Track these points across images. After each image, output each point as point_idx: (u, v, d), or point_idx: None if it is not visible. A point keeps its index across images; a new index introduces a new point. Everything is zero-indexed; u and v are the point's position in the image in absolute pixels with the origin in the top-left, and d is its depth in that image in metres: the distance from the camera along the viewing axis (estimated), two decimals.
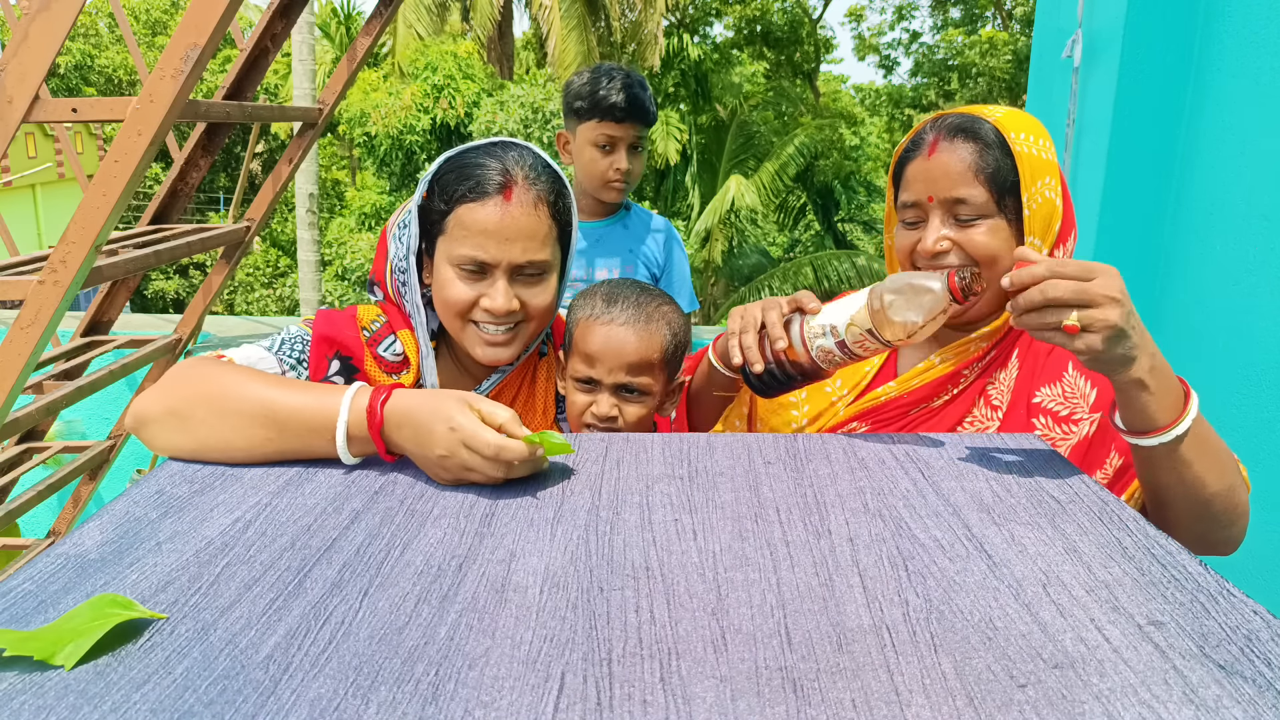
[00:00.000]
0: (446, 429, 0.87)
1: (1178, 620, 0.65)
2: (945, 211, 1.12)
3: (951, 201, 1.11)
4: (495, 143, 1.17)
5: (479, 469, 0.88)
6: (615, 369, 1.19)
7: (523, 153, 1.15)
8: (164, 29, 19.17)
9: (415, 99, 12.27)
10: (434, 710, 0.55)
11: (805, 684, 0.58)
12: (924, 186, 1.13)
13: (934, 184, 1.11)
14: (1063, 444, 1.10)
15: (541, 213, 1.13)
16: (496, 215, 1.10)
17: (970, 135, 1.11)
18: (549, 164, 1.17)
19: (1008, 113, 1.15)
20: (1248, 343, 1.78)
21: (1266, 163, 1.76)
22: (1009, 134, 1.11)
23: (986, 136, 1.11)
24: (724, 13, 20.84)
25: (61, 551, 0.76)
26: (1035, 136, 1.13)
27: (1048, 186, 1.12)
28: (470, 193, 1.11)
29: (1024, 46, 18.27)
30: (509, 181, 1.11)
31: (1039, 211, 1.11)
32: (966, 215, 1.10)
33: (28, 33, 1.79)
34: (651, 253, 2.17)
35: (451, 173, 1.13)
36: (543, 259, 1.14)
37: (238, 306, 16.13)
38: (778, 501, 0.87)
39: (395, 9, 2.94)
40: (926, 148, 1.13)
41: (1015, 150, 1.10)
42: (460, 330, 1.17)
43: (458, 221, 1.11)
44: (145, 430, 0.98)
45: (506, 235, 1.11)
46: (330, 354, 1.17)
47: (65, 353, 2.69)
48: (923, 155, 1.13)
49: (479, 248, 1.11)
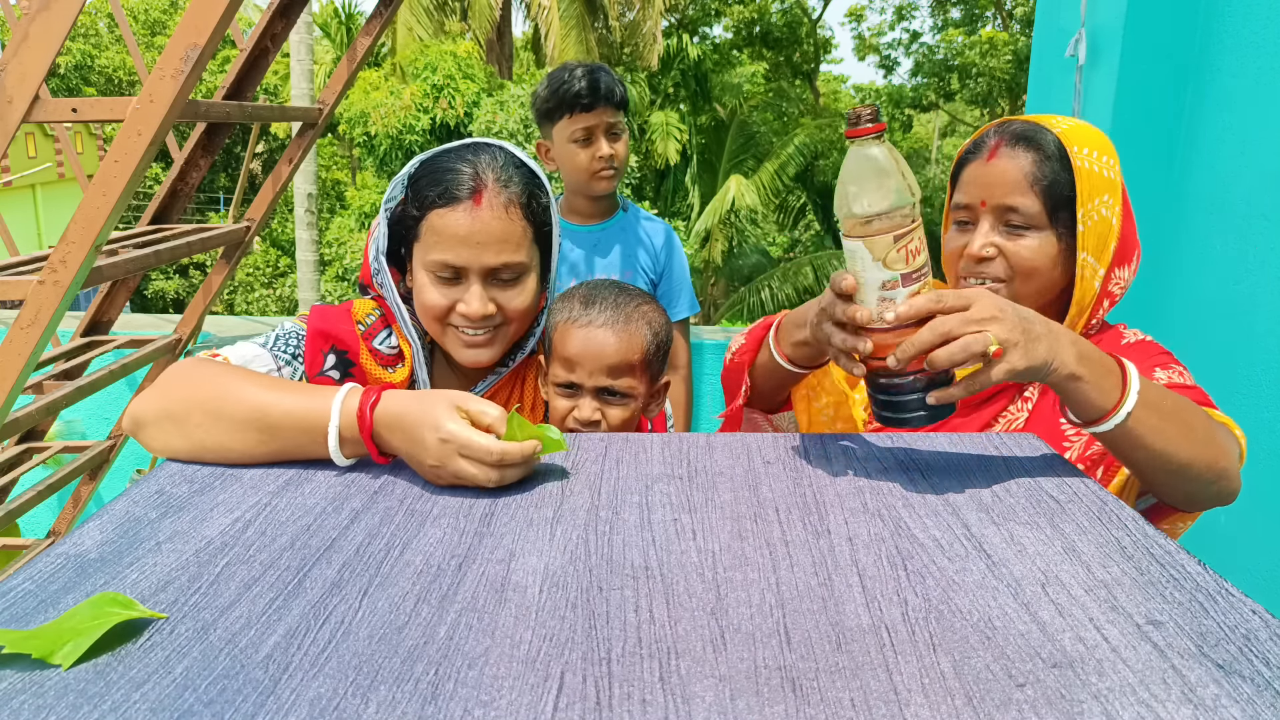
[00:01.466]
0: (436, 439, 0.87)
1: (1176, 620, 0.65)
2: (996, 218, 1.12)
3: (1003, 209, 1.11)
4: (468, 145, 1.16)
5: (473, 476, 0.88)
6: (596, 372, 1.17)
7: (495, 154, 1.14)
8: (164, 29, 19.17)
9: (415, 99, 12.27)
10: (433, 709, 0.55)
11: (804, 683, 0.58)
12: (978, 190, 1.13)
13: (988, 189, 1.11)
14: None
15: (514, 214, 1.12)
16: (467, 220, 1.10)
17: (1032, 144, 1.10)
18: (523, 163, 1.16)
19: (1074, 125, 1.14)
20: (1248, 343, 1.78)
21: (1266, 163, 1.76)
22: (1071, 147, 1.10)
23: (1048, 147, 1.10)
24: (723, 13, 20.84)
25: (61, 551, 0.76)
26: (1099, 153, 1.11)
27: (1105, 205, 1.11)
28: (440, 198, 1.10)
29: (1024, 46, 18.27)
30: (479, 185, 1.10)
31: (1093, 228, 1.10)
32: (1017, 223, 1.10)
33: (28, 33, 1.79)
34: (650, 255, 2.16)
35: (424, 177, 1.13)
36: (517, 261, 1.13)
37: (238, 306, 16.14)
38: (777, 501, 0.87)
39: (395, 9, 2.94)
40: (987, 151, 1.13)
41: (1075, 164, 1.09)
42: (441, 333, 1.17)
43: (430, 227, 1.11)
44: (142, 432, 0.99)
45: (478, 240, 1.10)
46: (325, 348, 1.17)
47: (65, 353, 2.69)
48: (982, 159, 1.13)
49: (451, 253, 1.11)
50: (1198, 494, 0.99)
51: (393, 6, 2.91)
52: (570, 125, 1.98)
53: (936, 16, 21.88)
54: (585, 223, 2.12)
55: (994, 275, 1.13)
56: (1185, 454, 0.94)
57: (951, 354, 0.83)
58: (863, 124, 0.86)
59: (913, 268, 0.87)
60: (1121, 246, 1.14)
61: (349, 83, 2.97)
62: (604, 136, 1.99)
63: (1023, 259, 1.11)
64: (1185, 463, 0.94)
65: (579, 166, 2.01)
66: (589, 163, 2.00)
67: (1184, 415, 0.95)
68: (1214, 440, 0.96)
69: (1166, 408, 0.93)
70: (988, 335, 0.84)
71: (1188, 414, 0.95)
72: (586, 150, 1.99)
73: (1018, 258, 1.11)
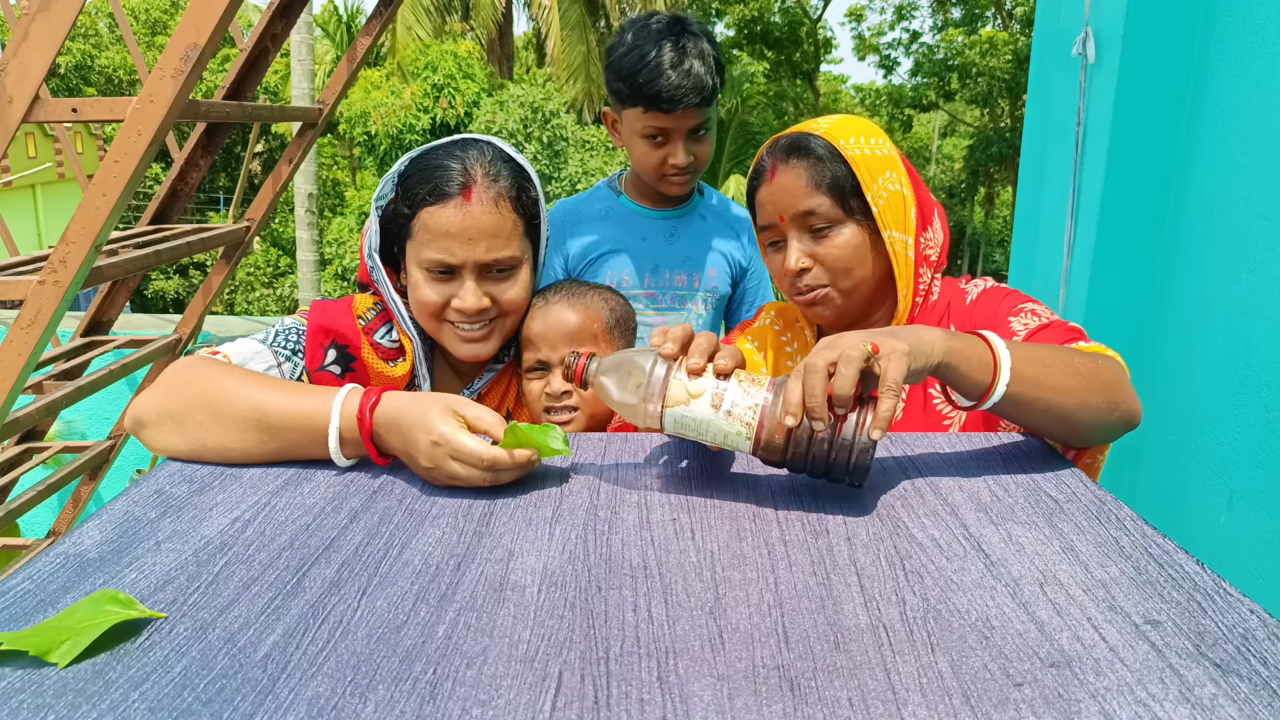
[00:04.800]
0: (429, 441, 0.88)
1: (1174, 619, 0.65)
2: (799, 228, 1.16)
3: (801, 215, 1.15)
4: (456, 141, 1.16)
5: (466, 478, 0.88)
6: (558, 343, 1.20)
7: (483, 149, 1.15)
8: (164, 29, 19.18)
9: (415, 98, 12.28)
10: (432, 709, 0.55)
11: (802, 682, 0.58)
12: (773, 209, 1.18)
13: (781, 204, 1.16)
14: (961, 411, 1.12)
15: (504, 209, 1.13)
16: (458, 217, 1.10)
17: (803, 152, 1.15)
18: (511, 157, 1.17)
19: (835, 122, 1.19)
20: (1248, 343, 1.78)
21: (1266, 163, 1.76)
22: (838, 142, 1.15)
23: (818, 150, 1.15)
24: (724, 13, 20.84)
25: (61, 551, 0.76)
26: (865, 137, 1.17)
27: (890, 180, 1.16)
28: (430, 196, 1.11)
29: (1024, 46, 18.26)
30: (468, 182, 1.11)
31: (888, 205, 1.15)
32: (819, 225, 1.15)
33: (28, 33, 1.79)
34: (734, 248, 1.78)
35: (413, 175, 1.14)
36: (509, 255, 1.14)
37: (238, 306, 16.15)
38: (776, 500, 0.87)
39: (395, 9, 2.94)
40: (767, 174, 1.18)
41: (847, 155, 1.14)
42: (437, 330, 1.18)
43: (421, 225, 1.12)
44: (143, 432, 0.99)
45: (469, 236, 1.11)
46: (326, 343, 1.17)
47: (65, 353, 2.70)
48: (766, 182, 1.19)
49: (443, 250, 1.11)
50: (1103, 427, 0.99)
51: (393, 6, 2.92)
52: (643, 119, 1.59)
53: (936, 16, 21.87)
54: (654, 206, 1.76)
55: (818, 282, 1.17)
56: (1077, 395, 0.94)
57: (841, 373, 0.81)
58: (574, 379, 0.91)
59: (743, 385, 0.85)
60: (920, 211, 1.18)
61: (349, 82, 2.98)
62: (683, 140, 1.61)
63: (835, 257, 1.15)
64: (1079, 403, 0.94)
65: (648, 165, 1.65)
66: (658, 165, 1.64)
67: (1061, 359, 0.95)
68: (1097, 374, 0.96)
69: (1043, 358, 0.94)
70: (856, 343, 0.84)
71: (1064, 356, 0.96)
72: (659, 151, 1.62)
73: (831, 257, 1.15)
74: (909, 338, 0.86)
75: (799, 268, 1.16)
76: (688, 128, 1.59)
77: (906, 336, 0.86)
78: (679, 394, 0.86)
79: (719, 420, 0.85)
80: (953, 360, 0.88)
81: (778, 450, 0.85)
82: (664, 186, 1.69)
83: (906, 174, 1.18)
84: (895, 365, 0.82)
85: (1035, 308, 1.13)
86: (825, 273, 1.16)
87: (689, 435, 0.88)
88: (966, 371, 0.90)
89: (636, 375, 0.87)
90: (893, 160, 1.17)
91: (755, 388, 0.85)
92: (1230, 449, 1.80)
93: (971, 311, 1.17)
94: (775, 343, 1.32)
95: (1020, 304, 1.14)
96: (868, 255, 1.16)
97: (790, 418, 0.82)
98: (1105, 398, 0.96)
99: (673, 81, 1.53)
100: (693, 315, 1.76)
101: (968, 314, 1.17)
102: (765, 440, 0.84)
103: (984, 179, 21.64)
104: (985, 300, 1.18)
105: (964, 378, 0.90)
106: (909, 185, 1.18)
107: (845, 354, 0.82)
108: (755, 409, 0.84)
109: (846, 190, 1.14)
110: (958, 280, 1.25)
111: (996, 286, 1.21)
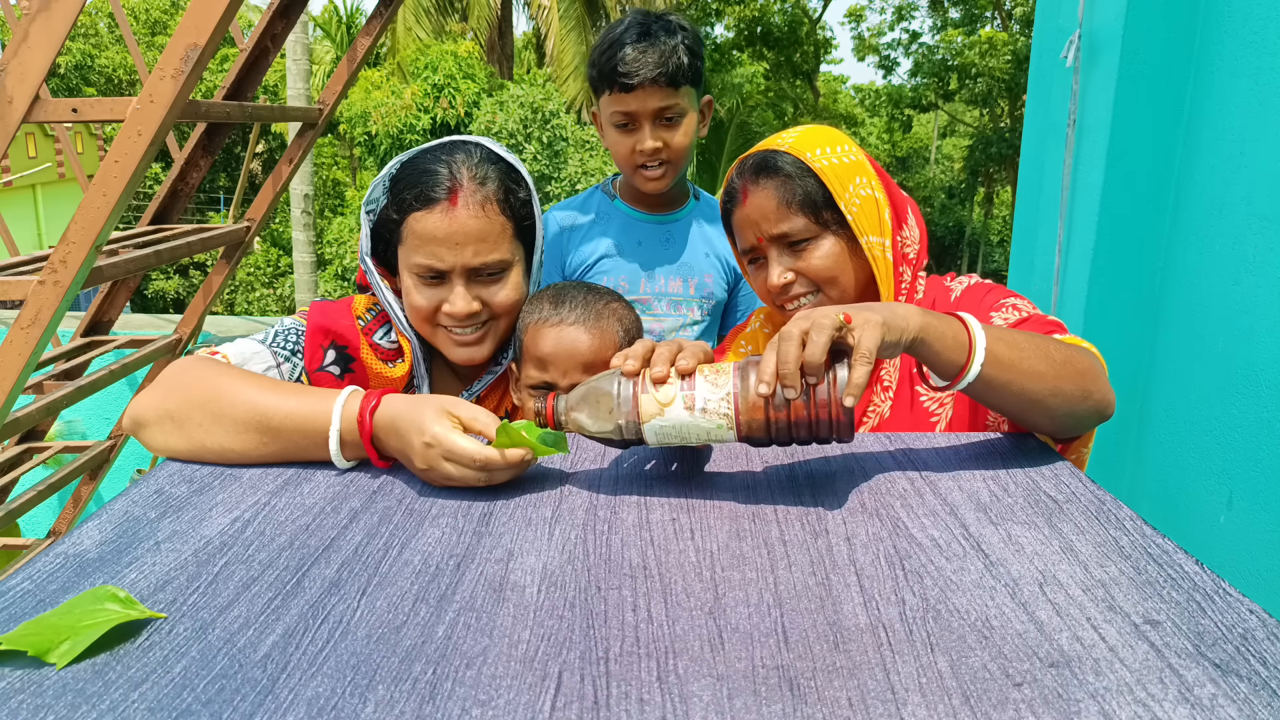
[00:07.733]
0: (422, 443, 0.88)
1: (1174, 619, 0.65)
2: (778, 246, 1.17)
3: (778, 237, 1.16)
4: (444, 144, 1.16)
5: (460, 479, 0.88)
6: (570, 370, 1.16)
7: (471, 151, 1.14)
8: (164, 29, 19.18)
9: (415, 99, 12.27)
10: (431, 709, 0.55)
11: (802, 683, 0.58)
12: (751, 231, 1.19)
13: (757, 226, 1.17)
14: (948, 404, 1.13)
15: (491, 212, 1.12)
16: (444, 222, 1.10)
17: (771, 171, 1.16)
18: (500, 158, 1.16)
19: (799, 134, 1.20)
20: (1248, 343, 1.78)
21: (1266, 163, 1.76)
22: (804, 155, 1.16)
23: (786, 167, 1.16)
24: (724, 13, 20.84)
25: (60, 550, 0.76)
26: (831, 146, 1.17)
27: (862, 186, 1.17)
28: (417, 201, 1.11)
29: (1024, 46, 18.26)
30: (454, 186, 1.10)
31: (862, 211, 1.16)
32: (797, 240, 1.16)
33: (28, 33, 1.79)
34: (730, 253, 1.69)
35: (401, 180, 1.13)
36: (497, 259, 1.14)
37: (238, 306, 16.15)
38: (775, 500, 0.87)
39: (395, 9, 2.94)
40: (740, 196, 1.19)
41: (816, 168, 1.15)
42: (431, 334, 1.18)
43: (410, 231, 1.12)
44: (142, 432, 0.99)
45: (456, 240, 1.10)
46: (325, 344, 1.17)
47: (65, 353, 2.70)
48: (739, 205, 1.20)
49: (432, 255, 1.11)
50: (1076, 415, 0.99)
51: (393, 6, 2.92)
52: (610, 105, 1.58)
53: (936, 17, 21.86)
54: (647, 210, 1.73)
55: (804, 290, 1.18)
56: (1050, 380, 0.94)
57: (813, 340, 0.81)
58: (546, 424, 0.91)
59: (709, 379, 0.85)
60: (894, 211, 1.19)
61: (349, 83, 2.98)
62: (648, 123, 1.57)
63: (817, 269, 1.16)
64: (1052, 389, 0.95)
65: (621, 155, 1.63)
66: (628, 154, 1.60)
67: (1036, 345, 0.96)
68: (1072, 361, 0.97)
69: (1018, 341, 0.94)
70: (829, 312, 0.83)
71: (1039, 343, 0.96)
72: (628, 139, 1.59)
73: (813, 270, 1.17)
74: (884, 311, 0.87)
75: (782, 283, 1.17)
76: (652, 110, 1.56)
77: (881, 310, 0.87)
78: (651, 407, 0.86)
79: (697, 420, 0.85)
80: (927, 336, 0.89)
81: (761, 429, 0.85)
82: (639, 181, 1.65)
83: (876, 175, 1.19)
84: (869, 335, 0.83)
85: (1017, 303, 1.14)
86: (810, 283, 1.18)
87: (674, 443, 0.88)
88: (941, 349, 0.90)
89: (605, 401, 0.87)
90: (861, 165, 1.18)
91: (722, 377, 0.86)
92: (1230, 449, 1.80)
93: (955, 308, 1.18)
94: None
95: (1003, 299, 1.15)
96: (848, 262, 1.17)
97: (764, 385, 0.82)
98: (1078, 385, 0.96)
99: (630, 55, 1.52)
100: (689, 321, 1.74)
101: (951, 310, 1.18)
102: (746, 424, 0.85)
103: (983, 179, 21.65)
104: (968, 296, 1.19)
105: (938, 355, 0.90)
106: (880, 187, 1.18)
107: (818, 322, 0.82)
108: (728, 398, 0.84)
109: (819, 204, 1.15)
110: (943, 278, 1.25)
111: (980, 283, 1.22)
